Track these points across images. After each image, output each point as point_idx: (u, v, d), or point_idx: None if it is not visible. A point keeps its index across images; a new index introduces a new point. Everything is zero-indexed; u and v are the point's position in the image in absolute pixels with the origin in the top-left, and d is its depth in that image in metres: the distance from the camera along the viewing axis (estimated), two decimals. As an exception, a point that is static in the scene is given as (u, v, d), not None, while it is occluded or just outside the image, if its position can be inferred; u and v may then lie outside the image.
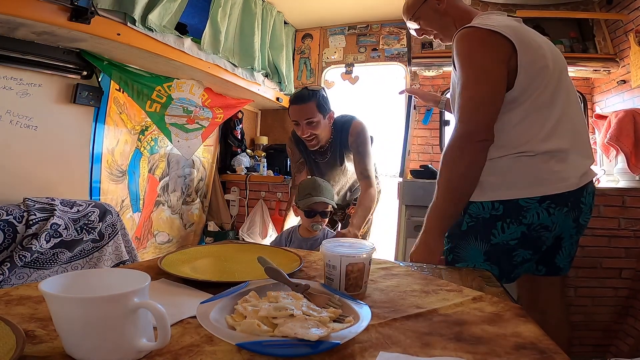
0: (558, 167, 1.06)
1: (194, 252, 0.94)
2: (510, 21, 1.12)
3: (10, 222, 1.32)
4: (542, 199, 1.05)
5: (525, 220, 1.06)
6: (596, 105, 2.62)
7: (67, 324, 0.44)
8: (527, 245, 1.09)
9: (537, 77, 1.05)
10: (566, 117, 1.09)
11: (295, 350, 0.46)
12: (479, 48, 1.04)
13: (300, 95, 1.77)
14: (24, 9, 1.33)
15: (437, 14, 1.26)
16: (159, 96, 2.22)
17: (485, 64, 1.03)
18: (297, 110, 1.76)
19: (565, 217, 1.09)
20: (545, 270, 1.20)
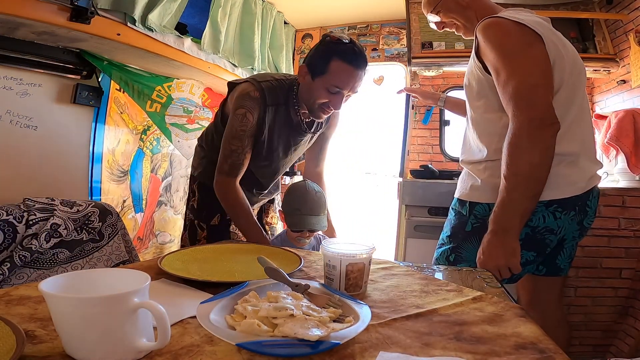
0: (567, 171, 1.05)
1: (194, 252, 0.94)
2: (539, 19, 1.09)
3: (10, 222, 1.32)
4: (549, 202, 1.05)
5: (530, 223, 1.05)
6: (596, 105, 2.62)
7: (67, 324, 0.44)
8: (531, 247, 1.09)
9: (557, 79, 1.02)
10: (578, 121, 1.08)
11: (295, 350, 0.47)
12: (511, 35, 0.99)
13: (361, 55, 1.22)
14: (24, 9, 1.33)
15: (460, 6, 1.22)
16: (159, 96, 2.22)
17: (524, 48, 0.97)
18: (351, 75, 1.21)
19: (571, 220, 1.09)
20: (545, 271, 1.20)
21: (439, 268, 0.97)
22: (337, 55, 1.19)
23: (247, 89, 1.27)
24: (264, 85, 1.28)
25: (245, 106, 1.24)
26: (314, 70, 1.23)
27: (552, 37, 1.04)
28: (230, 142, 1.26)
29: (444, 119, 2.93)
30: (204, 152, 1.52)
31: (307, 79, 1.26)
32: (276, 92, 1.30)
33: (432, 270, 0.94)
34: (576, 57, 1.12)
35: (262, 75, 1.36)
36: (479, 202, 1.11)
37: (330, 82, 1.21)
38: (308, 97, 1.28)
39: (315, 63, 1.23)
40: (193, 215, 1.52)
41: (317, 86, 1.23)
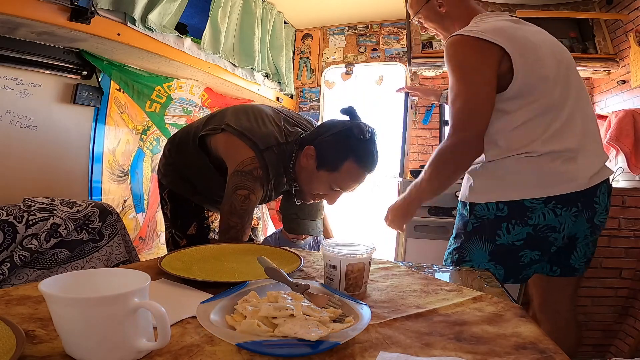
0: (565, 167, 1.05)
1: (194, 252, 0.94)
2: (506, 22, 1.11)
3: (10, 222, 1.32)
4: (548, 199, 1.05)
5: (530, 221, 1.06)
6: (596, 105, 2.62)
7: (67, 324, 0.44)
8: (534, 246, 1.08)
9: (537, 79, 1.05)
10: (576, 116, 1.08)
11: (295, 350, 0.46)
12: (466, 56, 1.06)
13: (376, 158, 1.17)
14: (24, 9, 1.33)
15: (438, 15, 1.26)
16: (158, 96, 2.22)
17: (474, 73, 1.05)
18: (359, 179, 1.17)
19: (574, 217, 1.07)
20: (560, 271, 1.18)
21: (439, 268, 0.97)
22: (354, 157, 1.11)
23: (250, 166, 1.11)
24: (267, 159, 1.12)
25: (248, 187, 1.10)
26: (322, 161, 1.13)
27: (521, 41, 1.06)
28: (229, 217, 1.10)
29: (444, 119, 2.92)
30: (172, 159, 1.39)
31: (311, 164, 1.15)
32: (278, 163, 1.16)
33: (432, 270, 0.94)
34: (560, 51, 1.13)
35: (264, 137, 1.14)
36: (478, 203, 1.12)
37: (336, 182, 1.14)
38: (305, 182, 1.19)
39: (327, 155, 1.13)
40: (169, 224, 1.42)
41: (320, 178, 1.15)
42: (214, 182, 1.28)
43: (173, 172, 1.39)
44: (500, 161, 1.09)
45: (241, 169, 1.11)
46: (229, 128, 1.15)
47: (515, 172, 1.07)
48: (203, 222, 1.41)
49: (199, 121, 1.34)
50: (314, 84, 3.33)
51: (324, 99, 3.33)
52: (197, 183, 1.35)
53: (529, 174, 1.06)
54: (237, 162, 1.12)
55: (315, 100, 3.32)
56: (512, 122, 1.07)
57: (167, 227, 1.45)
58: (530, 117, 1.06)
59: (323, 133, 1.16)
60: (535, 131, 1.06)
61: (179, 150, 1.36)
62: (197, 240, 1.39)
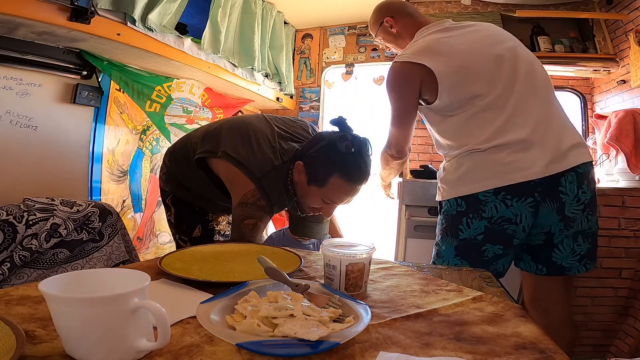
0: (512, 158, 1.07)
1: (193, 252, 0.94)
2: (434, 36, 1.21)
3: (10, 222, 1.32)
4: (496, 191, 1.08)
5: (485, 214, 1.09)
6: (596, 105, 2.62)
7: (67, 324, 0.44)
8: (494, 240, 1.10)
9: (466, 83, 1.12)
10: (522, 109, 1.11)
11: (295, 350, 0.46)
12: (394, 85, 1.21)
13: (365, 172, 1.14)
14: (24, 9, 1.33)
15: (392, 35, 1.38)
16: (158, 96, 2.22)
17: (400, 100, 1.21)
18: (349, 192, 1.15)
19: (532, 208, 1.08)
20: (546, 270, 1.17)
21: (439, 268, 0.97)
22: (340, 172, 1.10)
23: (253, 197, 1.12)
24: (266, 187, 1.13)
25: (254, 216, 1.12)
26: (311, 177, 1.13)
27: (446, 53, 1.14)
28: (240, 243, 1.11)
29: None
30: (172, 169, 1.40)
31: (302, 178, 1.15)
32: (277, 185, 1.17)
33: (431, 270, 0.94)
34: (508, 48, 1.17)
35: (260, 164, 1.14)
36: (444, 200, 1.19)
37: (325, 195, 1.14)
38: (300, 196, 1.19)
39: (314, 170, 1.13)
40: (173, 230, 1.44)
41: (311, 192, 1.15)
42: (216, 194, 1.30)
43: (174, 180, 1.40)
44: (453, 160, 1.17)
45: (245, 201, 1.12)
46: (227, 157, 1.15)
47: (466, 168, 1.13)
48: (207, 224, 1.42)
49: (196, 135, 1.32)
50: (314, 84, 3.33)
51: (324, 99, 3.33)
52: (198, 193, 1.37)
53: (478, 168, 1.11)
54: (240, 195, 1.13)
55: (315, 100, 3.32)
56: (454, 124, 1.16)
57: (172, 234, 1.46)
58: (470, 116, 1.13)
59: (312, 147, 1.16)
60: (477, 130, 1.13)
61: (178, 163, 1.37)
62: (202, 242, 1.36)
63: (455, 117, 1.15)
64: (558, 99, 1.20)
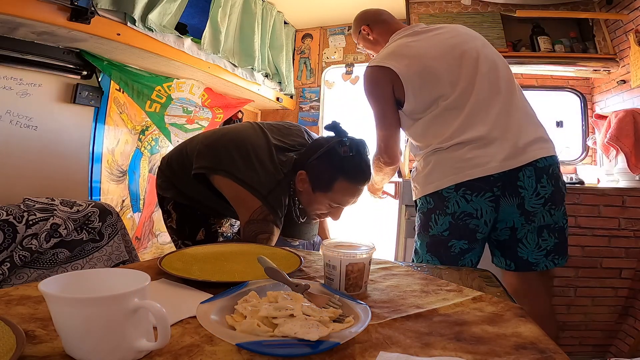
0: (471, 154, 1.10)
1: (193, 252, 0.94)
2: (400, 41, 1.26)
3: (10, 222, 1.32)
4: (457, 186, 1.11)
5: (448, 210, 1.13)
6: (596, 105, 2.62)
7: (67, 324, 0.44)
8: (458, 235, 1.13)
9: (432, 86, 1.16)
10: (480, 108, 1.13)
11: (295, 350, 0.46)
12: (370, 86, 1.25)
13: (367, 171, 1.19)
14: (24, 9, 1.33)
15: (370, 42, 1.43)
16: (158, 96, 2.22)
17: (379, 102, 1.24)
18: (355, 193, 1.19)
19: (492, 202, 1.10)
20: (514, 266, 1.17)
21: (439, 268, 0.97)
22: (343, 175, 1.14)
23: (262, 214, 1.12)
24: (272, 203, 1.13)
25: (267, 231, 1.13)
26: (316, 184, 1.16)
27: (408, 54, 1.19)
28: None
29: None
30: (170, 178, 1.37)
31: (306, 187, 1.18)
32: (282, 198, 1.17)
33: (431, 270, 0.94)
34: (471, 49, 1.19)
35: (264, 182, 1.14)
36: (417, 199, 1.23)
37: (333, 199, 1.17)
38: (306, 204, 1.22)
39: (318, 177, 1.16)
40: (175, 236, 1.41)
41: (317, 199, 1.18)
42: (217, 203, 1.29)
43: (173, 188, 1.38)
44: (421, 160, 1.22)
45: (255, 218, 1.13)
46: (229, 176, 1.14)
47: (431, 166, 1.17)
48: (210, 227, 1.41)
49: (191, 145, 1.30)
50: (314, 84, 3.33)
51: (324, 99, 3.33)
52: (198, 200, 1.36)
53: (440, 166, 1.15)
54: (248, 213, 1.13)
55: (315, 100, 3.32)
56: (420, 125, 1.20)
57: (174, 240, 1.43)
58: (434, 117, 1.17)
59: (311, 155, 1.18)
60: (440, 129, 1.16)
61: (175, 173, 1.35)
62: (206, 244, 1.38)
63: (421, 120, 1.20)
64: (525, 97, 1.23)
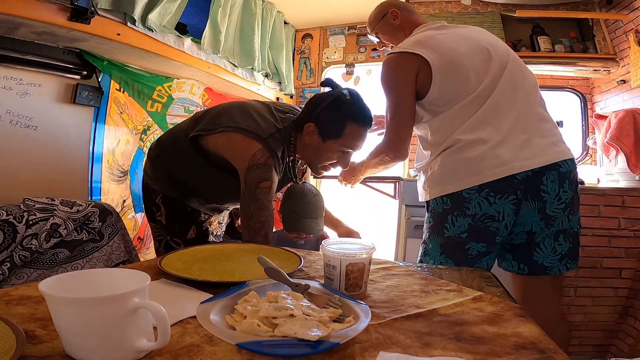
0: (493, 153, 1.09)
1: (194, 252, 0.94)
2: (427, 32, 1.24)
3: (10, 222, 1.32)
4: (480, 188, 1.09)
5: (468, 212, 1.10)
6: (596, 105, 2.62)
7: (67, 324, 0.44)
8: (477, 238, 1.11)
9: (456, 80, 1.14)
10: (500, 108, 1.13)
11: (295, 350, 0.46)
12: (391, 74, 1.21)
13: (370, 114, 1.24)
14: (24, 9, 1.33)
15: (393, 28, 1.39)
16: (159, 96, 2.22)
17: (397, 90, 1.20)
18: (362, 136, 1.24)
19: (514, 206, 1.09)
20: (528, 270, 1.17)
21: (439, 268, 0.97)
22: (353, 119, 1.19)
23: (263, 157, 1.13)
24: (273, 146, 1.16)
25: (268, 178, 1.13)
26: (326, 133, 1.20)
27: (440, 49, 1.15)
28: (259, 214, 1.12)
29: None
30: (162, 163, 1.36)
31: (315, 139, 1.21)
32: (282, 146, 1.20)
33: (431, 270, 0.94)
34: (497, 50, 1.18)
35: (263, 127, 1.17)
36: (430, 199, 1.20)
37: (344, 145, 1.21)
38: (314, 157, 1.25)
39: (327, 126, 1.20)
40: (164, 231, 1.38)
41: (328, 148, 1.21)
42: (215, 181, 1.27)
43: (165, 176, 1.36)
44: (438, 158, 1.17)
45: (255, 163, 1.13)
46: (226, 128, 1.15)
47: (450, 165, 1.14)
48: (201, 225, 1.40)
49: (184, 124, 1.33)
50: (314, 84, 3.33)
51: (324, 99, 3.32)
52: (194, 185, 1.33)
53: (461, 166, 1.12)
54: (248, 158, 1.13)
55: (315, 100, 3.32)
56: (439, 120, 1.17)
57: (159, 235, 1.39)
58: (454, 113, 1.14)
59: (315, 109, 1.22)
60: (460, 125, 1.13)
61: (169, 154, 1.33)
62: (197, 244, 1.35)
63: (442, 114, 1.17)
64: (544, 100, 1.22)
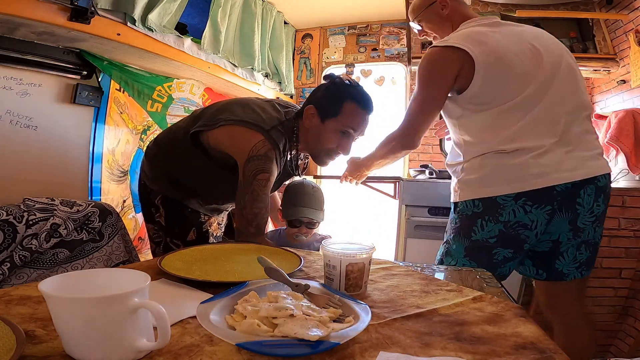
0: (535, 162, 1.06)
1: (194, 252, 0.94)
2: (479, 28, 1.18)
3: (10, 222, 1.32)
4: (517, 196, 1.07)
5: (501, 218, 1.09)
6: (596, 105, 2.62)
7: (67, 324, 0.44)
8: (506, 244, 1.10)
9: (501, 79, 1.09)
10: (550, 114, 1.09)
11: (295, 350, 0.46)
12: (430, 69, 1.17)
13: (371, 99, 1.23)
14: (24, 9, 1.33)
15: (440, 17, 1.30)
16: (159, 96, 2.22)
17: (431, 86, 1.16)
18: (363, 117, 1.21)
19: (548, 216, 1.08)
20: (546, 275, 1.18)
21: (439, 268, 0.97)
22: (350, 97, 1.18)
23: (264, 148, 1.11)
24: (275, 137, 1.14)
25: (267, 170, 1.11)
26: (324, 112, 1.18)
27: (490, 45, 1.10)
28: (253, 205, 1.11)
29: (444, 119, 2.92)
30: (160, 163, 1.34)
31: (315, 121, 1.20)
32: (284, 139, 1.18)
33: (432, 270, 0.94)
34: (551, 53, 1.13)
35: (266, 119, 1.16)
36: (461, 200, 1.17)
37: (343, 123, 1.18)
38: (315, 142, 1.22)
39: (325, 104, 1.19)
40: (162, 232, 1.35)
41: (327, 129, 1.19)
42: (215, 180, 1.26)
43: (163, 176, 1.34)
44: (475, 159, 1.14)
45: (256, 154, 1.11)
46: (227, 122, 1.15)
47: (487, 168, 1.11)
48: (201, 226, 1.38)
49: (182, 122, 1.32)
50: (314, 84, 3.33)
51: (324, 99, 3.33)
52: (194, 185, 1.32)
53: (500, 171, 1.09)
54: (249, 148, 1.11)
55: (315, 100, 3.32)
56: (480, 120, 1.13)
57: (158, 237, 1.36)
58: (497, 114, 1.10)
59: (315, 94, 1.24)
60: (503, 128, 1.09)
61: (168, 153, 1.32)
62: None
63: (481, 113, 1.13)
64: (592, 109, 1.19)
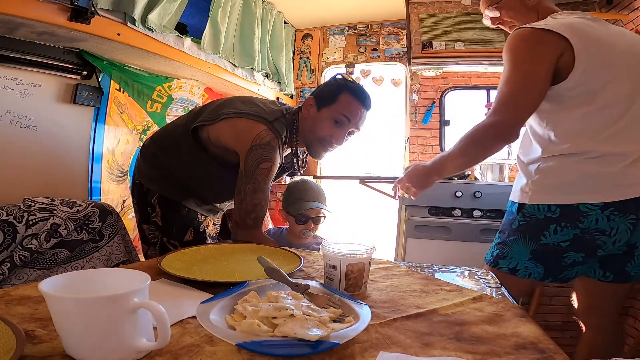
0: (626, 171, 1.01)
1: (194, 252, 0.94)
2: (579, 20, 1.10)
3: (10, 222, 1.32)
4: (605, 205, 1.01)
5: (581, 225, 1.03)
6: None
7: (67, 324, 0.44)
8: (579, 248, 1.06)
9: (602, 74, 1.01)
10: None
11: (295, 350, 0.47)
12: (527, 47, 1.05)
13: (368, 96, 1.24)
14: (24, 9, 1.33)
15: (525, 7, 1.21)
16: (159, 96, 2.22)
17: (528, 64, 1.04)
18: (358, 109, 1.22)
19: (631, 225, 1.02)
20: (613, 277, 1.14)
21: (439, 268, 0.97)
22: (347, 90, 1.22)
23: (267, 137, 1.12)
24: (278, 127, 1.15)
25: (270, 159, 1.12)
26: (321, 102, 1.23)
27: (589, 37, 1.03)
28: (253, 196, 1.11)
29: (443, 119, 2.93)
30: (158, 162, 1.33)
31: (312, 110, 1.24)
32: (286, 130, 1.20)
33: (432, 270, 0.94)
34: None
35: (269, 111, 1.18)
36: (529, 203, 1.10)
37: (337, 110, 1.21)
38: (310, 130, 1.24)
39: (324, 95, 1.24)
40: (159, 232, 1.35)
41: (322, 116, 1.22)
42: (214, 178, 1.27)
43: (162, 176, 1.33)
44: (555, 159, 1.06)
45: (259, 143, 1.12)
46: (230, 114, 1.16)
47: (572, 173, 1.04)
48: (199, 227, 1.38)
49: (181, 120, 1.33)
50: (314, 84, 3.33)
51: (324, 99, 3.32)
52: (193, 184, 1.32)
53: (587, 178, 1.02)
54: (251, 138, 1.12)
55: (315, 100, 3.32)
56: (568, 117, 1.05)
57: (154, 237, 1.36)
58: (589, 113, 1.02)
59: (316, 89, 1.29)
60: (593, 131, 1.02)
61: (166, 151, 1.31)
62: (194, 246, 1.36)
63: (568, 109, 1.05)
64: None
